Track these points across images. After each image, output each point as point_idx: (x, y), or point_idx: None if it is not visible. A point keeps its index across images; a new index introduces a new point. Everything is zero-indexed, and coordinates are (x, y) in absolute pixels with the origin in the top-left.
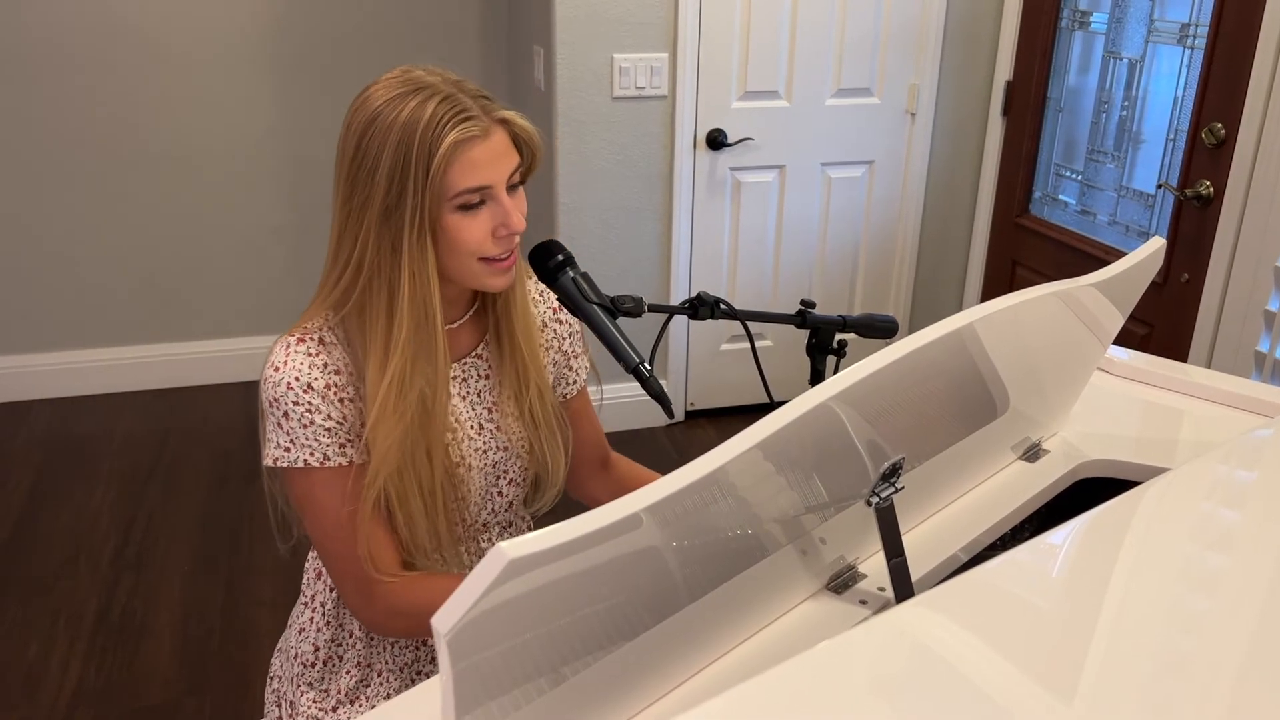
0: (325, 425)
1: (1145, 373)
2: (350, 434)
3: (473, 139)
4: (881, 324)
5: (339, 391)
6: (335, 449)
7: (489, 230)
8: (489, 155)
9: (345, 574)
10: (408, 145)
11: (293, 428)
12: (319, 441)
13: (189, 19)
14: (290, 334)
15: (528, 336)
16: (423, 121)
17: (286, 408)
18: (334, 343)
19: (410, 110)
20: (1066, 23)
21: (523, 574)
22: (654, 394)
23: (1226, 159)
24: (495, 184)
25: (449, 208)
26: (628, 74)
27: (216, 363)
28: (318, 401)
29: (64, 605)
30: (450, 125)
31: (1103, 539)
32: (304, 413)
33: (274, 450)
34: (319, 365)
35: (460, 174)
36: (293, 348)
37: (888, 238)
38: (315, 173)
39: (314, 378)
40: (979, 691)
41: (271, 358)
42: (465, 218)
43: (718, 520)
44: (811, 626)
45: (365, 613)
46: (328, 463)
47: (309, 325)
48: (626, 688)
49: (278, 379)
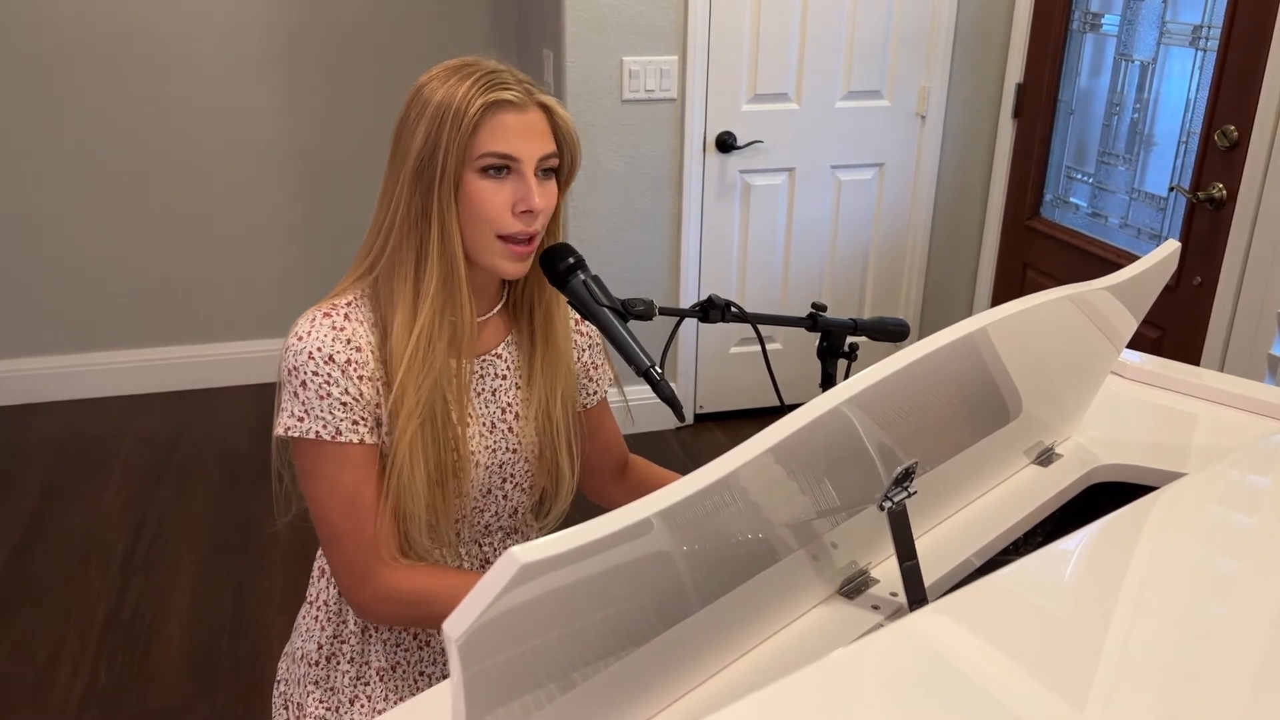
0: (341, 399)
1: (1158, 376)
2: (364, 412)
3: (506, 104)
4: (893, 327)
5: (359, 369)
6: (348, 424)
7: (509, 203)
8: (521, 127)
9: (342, 551)
10: (445, 105)
11: (308, 398)
12: (333, 415)
13: (198, 23)
14: (318, 307)
15: (566, 338)
16: (463, 86)
17: (305, 377)
18: (360, 319)
19: (455, 80)
20: (1078, 25)
21: (534, 579)
22: (664, 397)
23: (1239, 161)
24: (523, 158)
25: (473, 168)
26: (637, 77)
27: (227, 365)
28: (336, 375)
29: (74, 607)
30: (488, 89)
31: (1117, 545)
32: (321, 384)
33: (287, 419)
34: (342, 340)
35: (489, 136)
36: (318, 321)
37: (898, 240)
38: (325, 175)
39: (335, 350)
40: (994, 699)
41: (296, 328)
42: (487, 183)
43: (730, 525)
44: (824, 631)
45: (357, 592)
46: (339, 437)
47: (337, 301)
48: (638, 693)
49: (299, 348)
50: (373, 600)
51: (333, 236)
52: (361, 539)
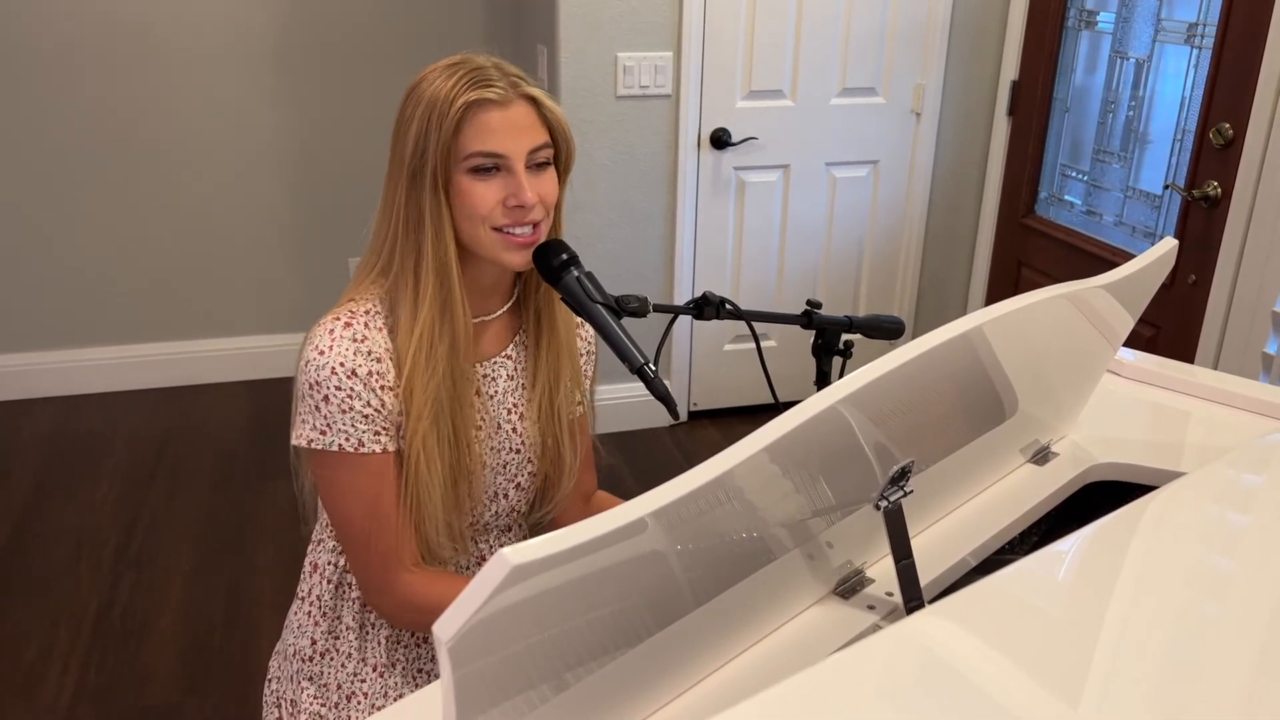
0: (364, 412)
1: (1153, 374)
2: (386, 422)
3: (488, 103)
4: (888, 325)
5: (380, 379)
6: (370, 436)
7: (499, 199)
8: (506, 124)
9: (366, 561)
10: (431, 106)
11: (331, 412)
12: (355, 428)
13: (192, 18)
14: (336, 317)
15: (568, 327)
16: (447, 85)
17: (328, 392)
18: (379, 326)
19: (442, 79)
20: (1073, 22)
21: (525, 580)
22: (658, 395)
23: (1234, 159)
24: (510, 155)
25: (462, 169)
26: (632, 73)
27: (220, 362)
28: (359, 388)
29: (65, 604)
30: (469, 88)
31: (1114, 546)
32: (344, 398)
33: (308, 432)
34: (363, 352)
35: (473, 136)
36: (338, 333)
37: (893, 238)
38: (319, 171)
39: (358, 364)
40: (993, 701)
41: (315, 340)
42: (477, 182)
43: (724, 525)
44: (819, 631)
45: (379, 599)
46: (361, 449)
47: (354, 308)
48: (631, 694)
49: (321, 363)
50: (395, 607)
51: (326, 233)
52: (383, 546)
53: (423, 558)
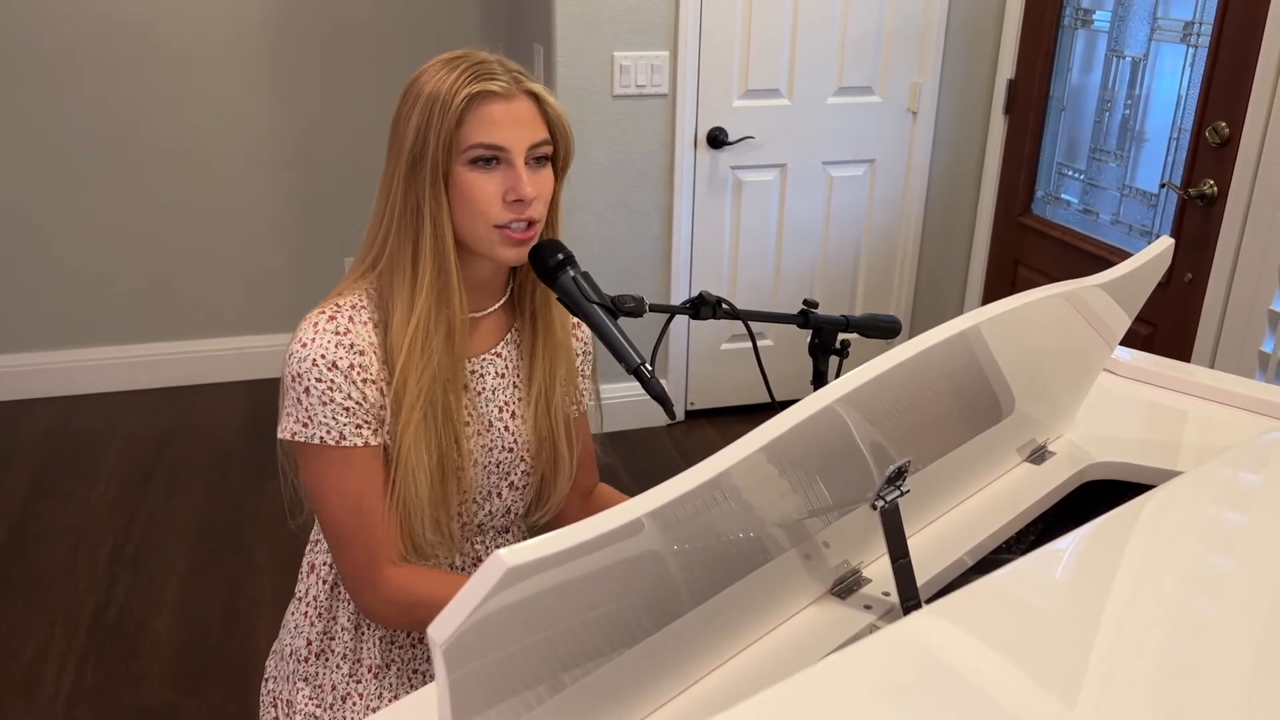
0: (344, 404)
1: (1150, 373)
2: (368, 416)
3: (491, 95)
4: (885, 324)
5: (362, 372)
6: (351, 429)
7: (499, 193)
8: (507, 117)
9: (350, 556)
10: (433, 98)
11: (311, 404)
12: (336, 420)
13: (192, 18)
14: (321, 311)
15: (564, 327)
16: (450, 78)
17: (308, 384)
18: (364, 320)
19: (444, 73)
20: (1069, 21)
21: (521, 582)
22: (655, 395)
23: (1230, 158)
24: (511, 148)
25: (462, 160)
26: (628, 72)
27: (217, 361)
28: (340, 380)
29: (63, 604)
30: (473, 80)
31: (1111, 545)
32: (325, 390)
33: (291, 425)
34: (345, 345)
35: (475, 128)
36: (321, 326)
37: (889, 237)
38: (318, 171)
39: (339, 356)
40: (991, 701)
41: (299, 334)
42: (477, 175)
43: (721, 525)
44: (816, 631)
45: (362, 595)
46: (343, 442)
47: (340, 301)
48: (628, 695)
49: (303, 355)
50: (378, 603)
51: (325, 232)
52: (368, 541)
53: (410, 555)
